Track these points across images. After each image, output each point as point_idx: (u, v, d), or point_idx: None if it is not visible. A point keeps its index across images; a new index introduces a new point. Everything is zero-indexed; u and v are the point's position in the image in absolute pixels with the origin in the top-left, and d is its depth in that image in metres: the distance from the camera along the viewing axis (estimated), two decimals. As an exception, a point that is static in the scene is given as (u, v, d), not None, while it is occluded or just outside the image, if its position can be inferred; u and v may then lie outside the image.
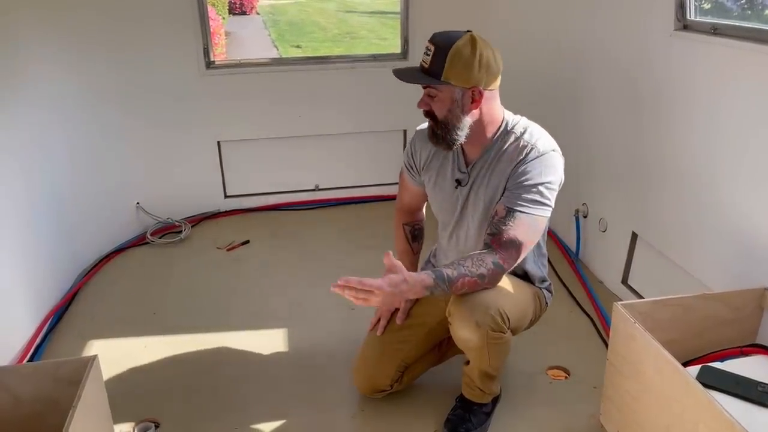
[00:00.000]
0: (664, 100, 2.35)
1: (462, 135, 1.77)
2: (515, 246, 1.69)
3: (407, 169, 2.07)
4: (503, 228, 1.70)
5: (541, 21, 3.25)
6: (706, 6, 2.32)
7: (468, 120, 1.75)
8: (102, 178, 3.20)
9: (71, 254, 2.97)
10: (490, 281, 1.70)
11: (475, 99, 1.73)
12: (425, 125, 1.89)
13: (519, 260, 1.73)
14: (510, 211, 1.70)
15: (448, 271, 1.65)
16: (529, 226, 1.71)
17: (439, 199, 1.98)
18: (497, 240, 1.70)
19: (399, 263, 1.64)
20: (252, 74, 3.50)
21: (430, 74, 1.71)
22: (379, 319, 2.07)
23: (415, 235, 2.21)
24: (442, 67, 1.69)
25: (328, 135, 3.67)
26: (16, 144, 2.52)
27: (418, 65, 1.76)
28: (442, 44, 1.69)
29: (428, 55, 1.71)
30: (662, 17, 2.29)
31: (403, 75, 1.76)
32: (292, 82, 3.46)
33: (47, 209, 2.75)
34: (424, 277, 1.63)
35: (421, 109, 1.80)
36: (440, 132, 1.77)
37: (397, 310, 2.06)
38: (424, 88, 1.77)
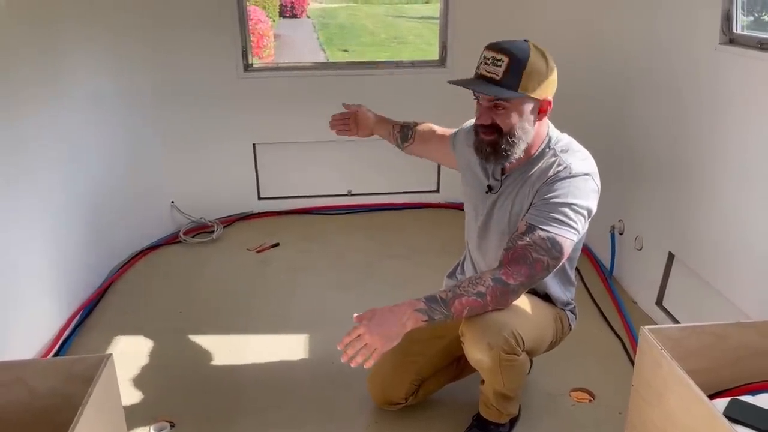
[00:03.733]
0: (708, 116, 2.25)
1: (522, 147, 1.70)
2: (526, 262, 1.62)
3: (453, 136, 2.08)
4: (518, 243, 1.64)
5: (581, 31, 3.16)
6: (766, 18, 2.22)
7: (532, 131, 1.70)
8: (138, 176, 3.26)
9: (105, 250, 3.03)
10: (493, 300, 1.63)
11: (544, 109, 1.69)
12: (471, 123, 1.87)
13: (533, 279, 1.66)
14: (530, 227, 1.65)
15: (441, 294, 1.62)
16: (548, 245, 1.63)
17: (469, 200, 1.96)
18: (508, 254, 1.65)
19: None
20: (289, 78, 3.51)
21: (502, 86, 1.62)
22: None
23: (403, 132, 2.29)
24: (518, 79, 1.61)
25: (363, 141, 3.64)
26: (56, 140, 2.59)
27: (474, 75, 1.67)
28: (517, 54, 1.60)
29: (498, 66, 1.61)
30: (708, 30, 2.19)
31: (476, 85, 1.65)
32: (329, 87, 3.46)
33: (83, 205, 2.81)
34: (414, 301, 1.61)
35: (481, 123, 1.70)
36: (504, 145, 1.68)
37: None
38: (492, 100, 1.66)
